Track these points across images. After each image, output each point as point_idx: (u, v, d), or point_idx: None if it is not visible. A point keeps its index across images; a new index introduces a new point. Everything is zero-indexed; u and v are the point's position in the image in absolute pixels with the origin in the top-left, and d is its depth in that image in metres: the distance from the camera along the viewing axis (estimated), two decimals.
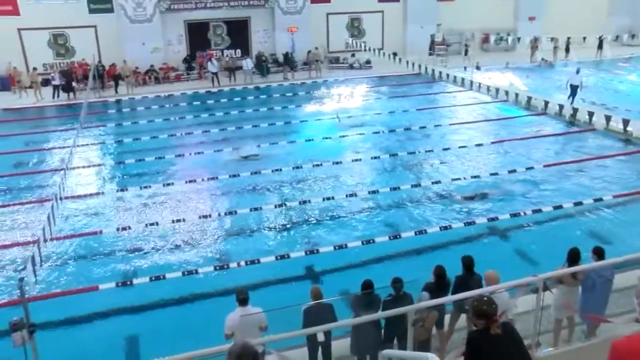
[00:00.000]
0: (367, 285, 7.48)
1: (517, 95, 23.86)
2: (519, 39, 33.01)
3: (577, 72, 23.08)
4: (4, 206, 14.61)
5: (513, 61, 32.22)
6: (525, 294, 7.33)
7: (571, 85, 22.79)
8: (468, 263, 7.99)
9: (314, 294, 7.52)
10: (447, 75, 28.69)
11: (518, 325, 5.02)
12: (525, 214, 13.04)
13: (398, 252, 11.66)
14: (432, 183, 15.12)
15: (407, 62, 29.60)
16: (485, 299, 4.81)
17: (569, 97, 22.69)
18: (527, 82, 27.88)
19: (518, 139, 18.84)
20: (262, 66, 30.34)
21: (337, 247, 11.67)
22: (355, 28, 34.80)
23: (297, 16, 32.02)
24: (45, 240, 11.72)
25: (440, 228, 12.44)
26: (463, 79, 27.36)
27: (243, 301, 7.19)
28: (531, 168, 16.05)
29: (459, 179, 15.39)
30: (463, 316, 7.94)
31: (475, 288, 7.19)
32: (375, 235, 12.15)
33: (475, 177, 15.51)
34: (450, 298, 7.11)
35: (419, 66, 29.76)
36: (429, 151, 17.80)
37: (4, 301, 10.12)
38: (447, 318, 8.10)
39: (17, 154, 18.97)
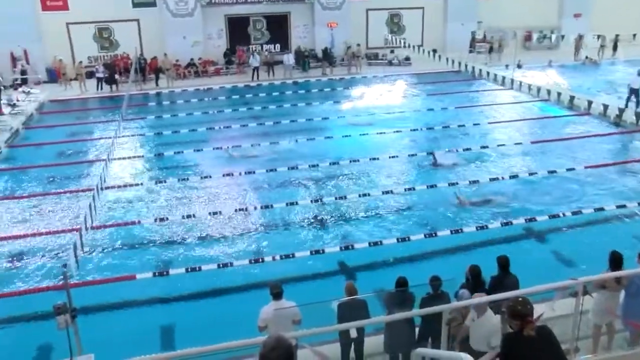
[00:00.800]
0: (402, 283, 7.45)
1: (559, 94, 23.31)
2: (562, 36, 32.21)
3: (639, 74, 21.84)
4: (49, 194, 15.04)
5: (556, 59, 31.47)
6: (563, 297, 7.19)
7: (631, 89, 21.70)
8: (504, 263, 7.89)
9: (349, 290, 7.53)
10: (488, 73, 28.27)
11: (555, 329, 4.91)
12: (564, 215, 12.77)
13: (433, 251, 11.58)
14: (470, 182, 14.93)
15: (447, 60, 29.23)
16: (520, 299, 4.74)
17: (628, 101, 21.50)
18: (570, 81, 27.20)
19: (559, 139, 18.44)
20: (303, 61, 30.42)
21: (372, 244, 11.64)
22: (395, 24, 34.55)
23: (336, 12, 31.99)
24: (86, 229, 12.03)
25: (476, 228, 12.29)
26: (504, 78, 26.89)
27: (277, 295, 7.25)
28: (572, 169, 15.68)
29: (497, 178, 15.16)
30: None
31: (511, 288, 7.08)
32: (410, 233, 12.08)
33: (513, 176, 15.27)
34: (489, 298, 6.98)
35: (459, 64, 29.37)
36: (467, 149, 17.56)
37: (49, 285, 10.44)
38: None
39: (62, 144, 19.53)
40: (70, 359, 6.54)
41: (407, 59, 32.14)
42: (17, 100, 23.68)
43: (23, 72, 27.51)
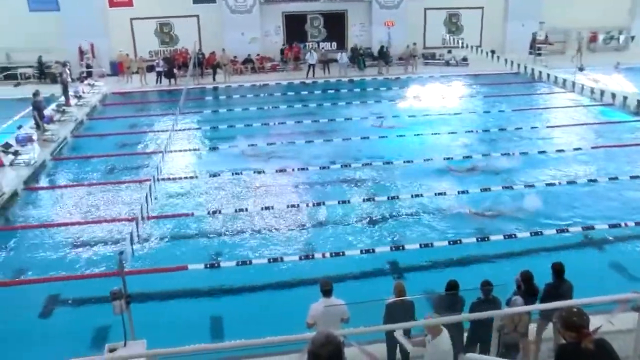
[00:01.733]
0: (452, 286, 7.34)
1: (625, 98, 22.39)
2: (632, 37, 30.69)
3: None
4: (108, 184, 15.58)
5: (625, 62, 30.04)
6: (624, 311, 6.87)
7: None
8: (559, 269, 7.65)
9: (398, 290, 7.46)
10: (548, 75, 27.44)
11: (614, 344, 4.69)
12: (626, 225, 12.27)
13: (485, 255, 11.37)
14: (525, 187, 14.55)
15: (506, 61, 28.53)
16: (575, 309, 4.53)
17: None
18: (638, 84, 26.00)
19: (623, 145, 17.73)
20: (359, 60, 30.34)
21: (422, 245, 11.53)
22: (453, 24, 33.99)
23: (394, 10, 31.74)
24: (142, 219, 12.36)
25: (530, 234, 11.97)
26: (565, 80, 26.05)
27: (327, 292, 7.26)
28: (636, 177, 15.05)
29: (554, 184, 14.74)
30: (550, 326, 7.59)
31: (567, 296, 6.87)
32: (462, 236, 11.89)
33: (571, 182, 14.81)
34: (543, 306, 6.74)
35: (518, 65, 28.61)
36: (524, 153, 17.12)
37: (106, 272, 10.81)
38: (532, 327, 7.76)
39: (121, 135, 20.20)
40: (124, 343, 6.74)
41: (465, 59, 31.57)
42: (83, 92, 24.60)
43: (88, 66, 28.59)
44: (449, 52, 32.13)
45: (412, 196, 14.01)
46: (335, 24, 32.32)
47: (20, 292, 10.73)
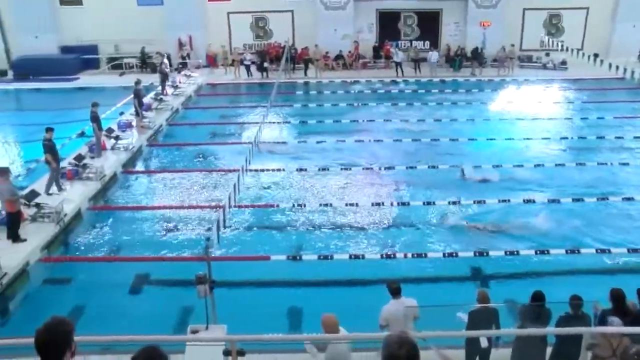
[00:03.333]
0: (538, 297, 7.06)
1: None
2: None
3: None
4: (198, 171, 16.19)
5: None
6: None
7: None
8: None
9: (482, 297, 7.29)
10: None
11: None
12: None
13: (574, 269, 10.87)
14: (623, 199, 13.73)
15: (610, 65, 26.82)
16: None
17: None
18: None
19: None
20: (455, 60, 29.73)
21: (508, 253, 11.18)
22: (553, 25, 32.47)
23: (491, 10, 30.74)
24: (229, 207, 12.74)
25: (628, 250, 11.29)
26: None
27: (396, 291, 7.28)
28: None
29: None
30: None
31: None
32: (550, 246, 11.41)
33: None
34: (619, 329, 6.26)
35: (624, 70, 26.86)
36: (624, 164, 16.16)
37: (192, 256, 11.25)
38: None
39: (213, 125, 20.94)
40: (206, 327, 7.01)
41: (564, 62, 30.06)
42: (179, 82, 25.67)
43: (185, 57, 29.80)
44: (547, 54, 30.77)
45: (498, 201, 13.61)
46: (429, 23, 31.76)
47: (112, 269, 11.42)
